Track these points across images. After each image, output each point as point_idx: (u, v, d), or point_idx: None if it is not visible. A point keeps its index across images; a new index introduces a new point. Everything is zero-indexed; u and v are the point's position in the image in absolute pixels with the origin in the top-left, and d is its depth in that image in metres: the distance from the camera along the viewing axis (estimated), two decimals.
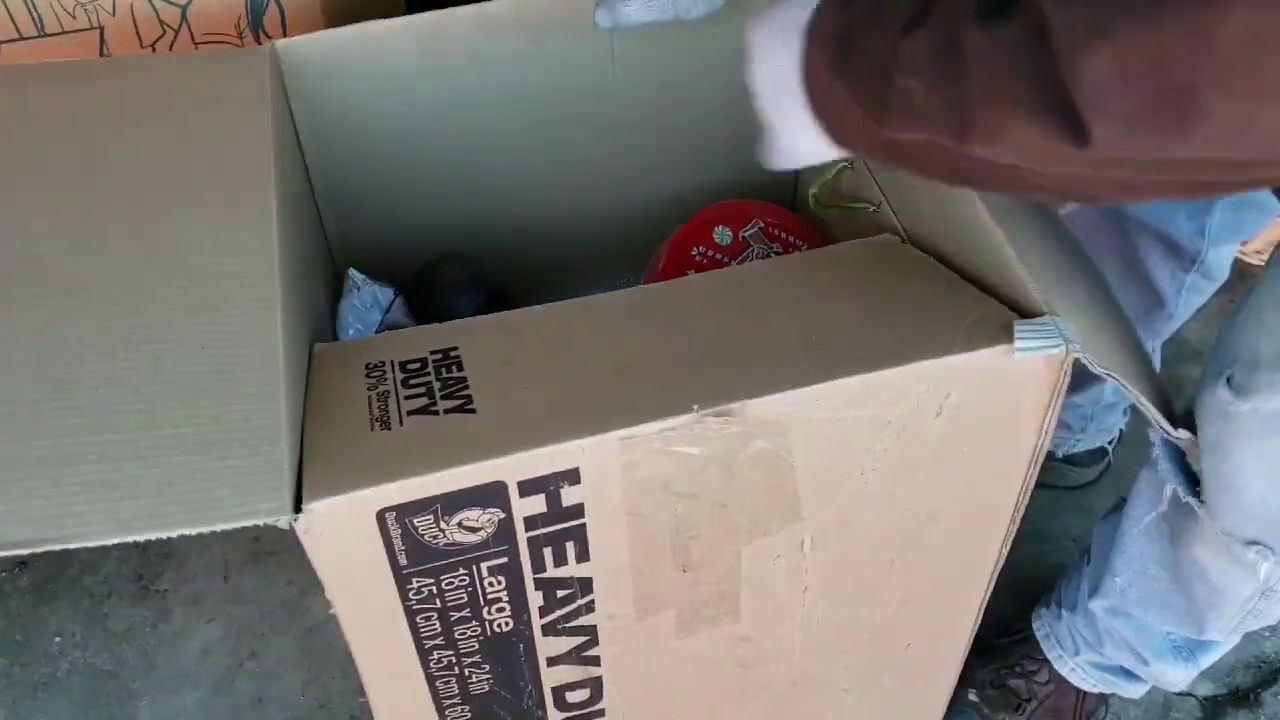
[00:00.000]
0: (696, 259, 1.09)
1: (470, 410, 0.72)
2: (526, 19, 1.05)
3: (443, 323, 0.84)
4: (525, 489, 0.70)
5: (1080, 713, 1.28)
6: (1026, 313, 0.75)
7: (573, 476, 0.70)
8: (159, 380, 0.72)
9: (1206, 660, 1.15)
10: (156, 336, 0.75)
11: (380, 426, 0.72)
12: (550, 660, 0.84)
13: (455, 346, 0.79)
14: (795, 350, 0.74)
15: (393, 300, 1.06)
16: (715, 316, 0.81)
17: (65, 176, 0.87)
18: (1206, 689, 1.35)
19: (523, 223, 1.23)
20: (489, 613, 0.77)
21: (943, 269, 0.83)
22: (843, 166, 1.05)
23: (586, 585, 0.78)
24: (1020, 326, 0.72)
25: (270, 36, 1.22)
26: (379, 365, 0.78)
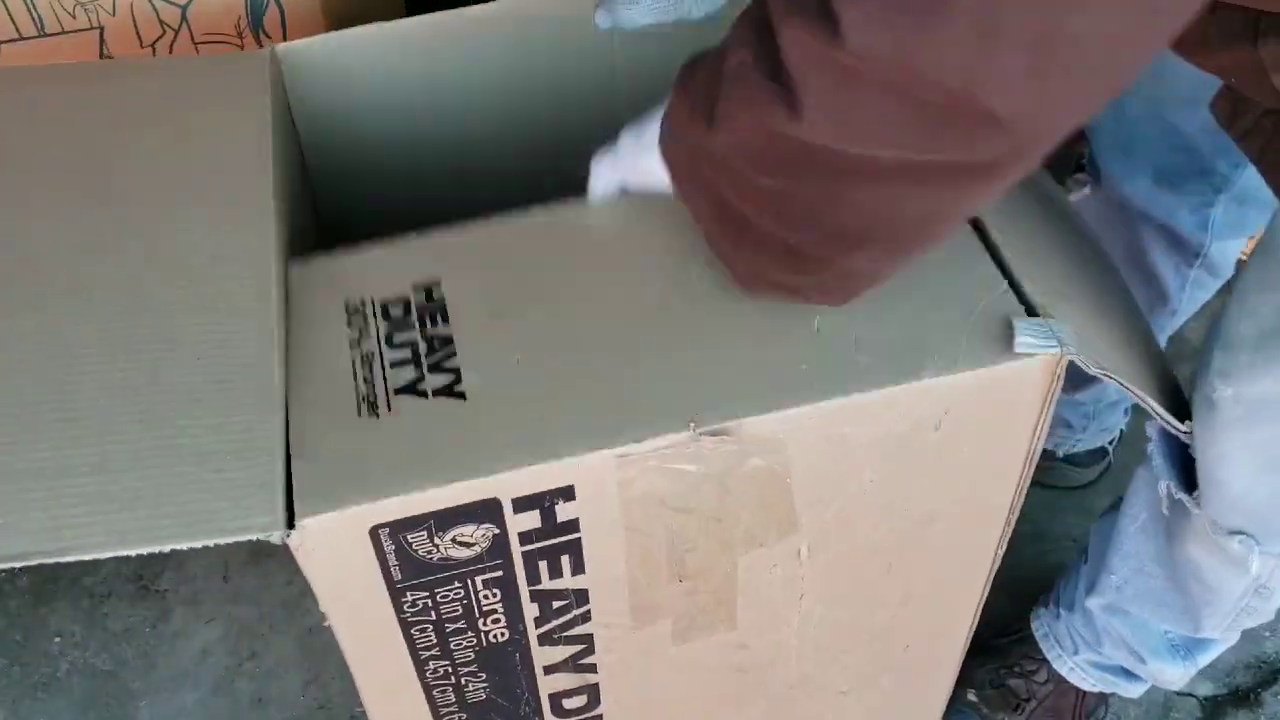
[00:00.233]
0: None
1: (459, 395, 0.71)
2: (526, 21, 1.04)
3: (423, 235, 0.82)
4: (520, 505, 0.69)
5: (1080, 712, 1.28)
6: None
7: (568, 493, 0.70)
8: (157, 388, 0.72)
9: (1204, 659, 1.15)
10: (156, 341, 0.75)
11: (368, 410, 0.71)
12: (547, 668, 0.84)
13: (438, 280, 0.78)
14: (795, 357, 0.73)
15: None
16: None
17: (65, 178, 0.86)
18: (1207, 689, 1.35)
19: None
20: (484, 624, 0.77)
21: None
22: None
23: (582, 596, 0.78)
24: (1020, 324, 0.71)
25: (270, 37, 1.22)
26: (359, 307, 0.77)
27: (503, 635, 0.79)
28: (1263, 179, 0.78)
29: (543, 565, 0.74)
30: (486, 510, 0.69)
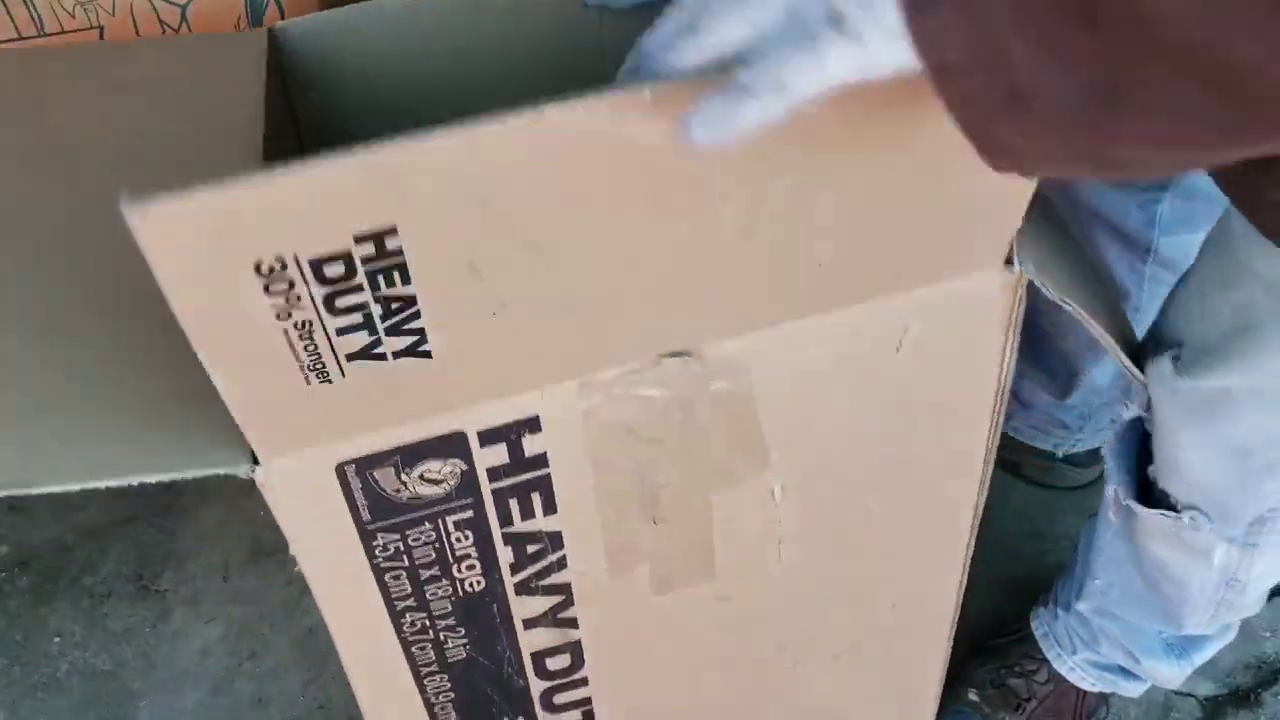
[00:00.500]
0: None
1: (424, 354, 0.63)
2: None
3: (370, 145, 0.58)
4: (486, 439, 0.70)
5: (1080, 712, 1.28)
6: None
7: (534, 425, 0.70)
8: (135, 337, 0.73)
9: (1200, 658, 1.14)
10: (130, 294, 0.76)
11: (318, 378, 0.62)
12: (526, 622, 0.84)
13: (393, 227, 0.57)
14: (763, 277, 0.68)
15: None
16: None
17: (59, 146, 0.89)
18: (1207, 689, 1.34)
19: None
20: (459, 570, 0.78)
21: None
22: None
23: (556, 539, 0.78)
24: None
25: None
26: (277, 267, 0.55)
27: (479, 584, 0.79)
28: (1209, 175, 0.79)
29: (514, 504, 0.74)
30: (452, 445, 0.69)
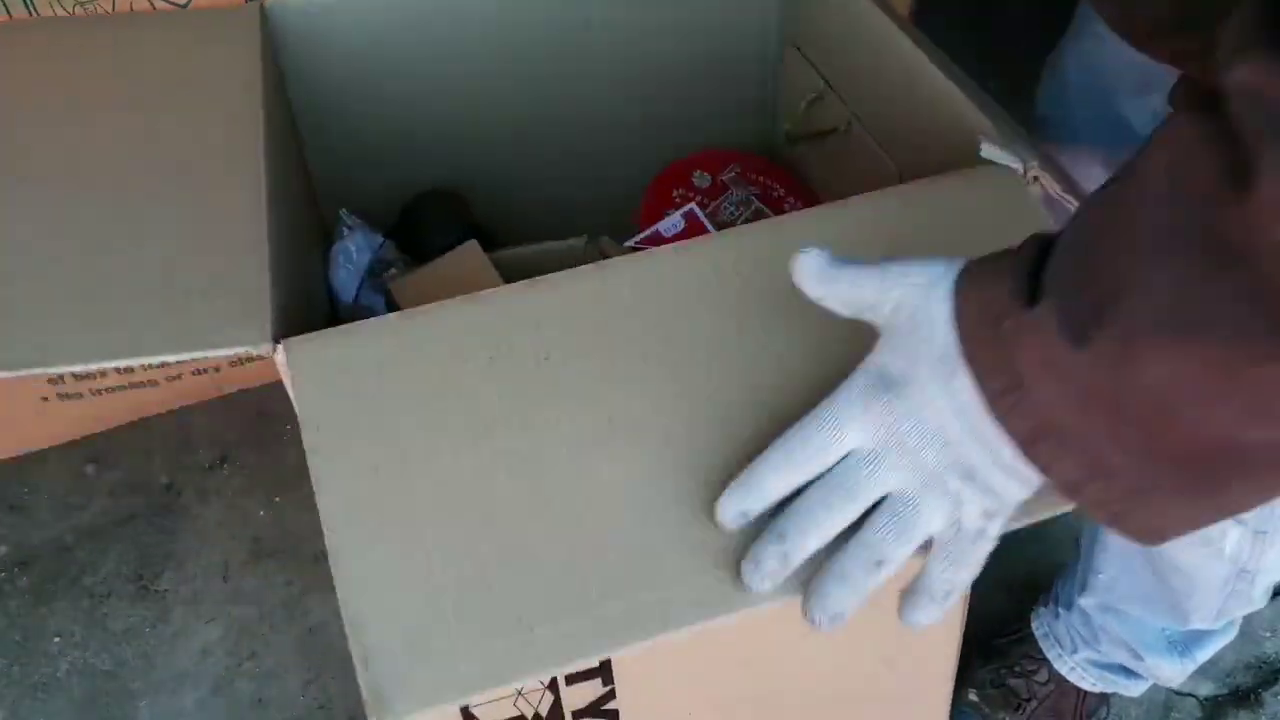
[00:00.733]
0: (676, 199, 1.12)
1: None
2: None
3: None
4: None
5: (1081, 712, 1.28)
6: None
7: None
8: (147, 237, 0.79)
9: (1202, 655, 1.15)
10: (141, 208, 0.82)
11: None
12: None
13: None
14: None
15: (383, 242, 1.09)
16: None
17: (52, 116, 0.91)
18: (1207, 689, 1.35)
19: (507, 170, 1.27)
20: None
21: None
22: (813, 97, 1.07)
23: None
24: (986, 139, 0.74)
25: None
26: None
27: None
28: None
29: None
30: None
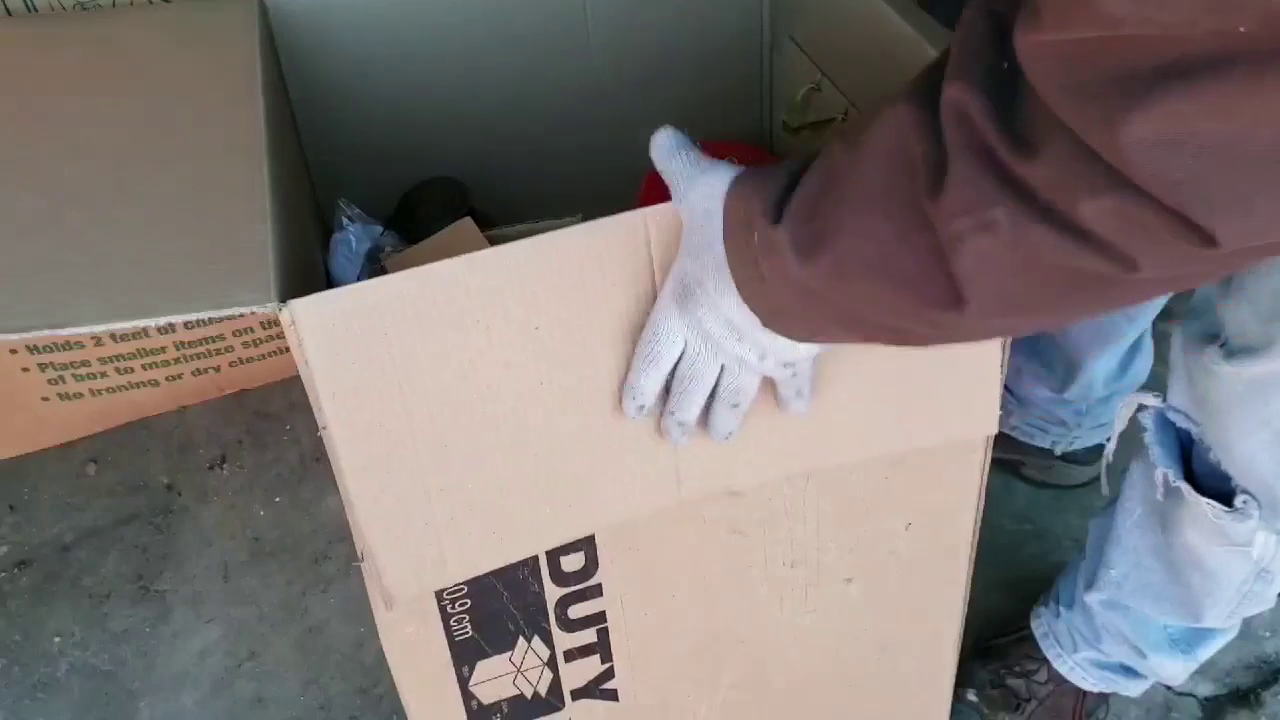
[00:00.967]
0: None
1: None
2: None
3: None
4: None
5: (1080, 712, 1.28)
6: None
7: None
8: (151, 207, 0.80)
9: (1204, 653, 1.14)
10: (146, 183, 0.84)
11: None
12: None
13: None
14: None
15: (382, 231, 1.09)
16: None
17: (54, 103, 0.92)
18: (1207, 689, 1.35)
19: (507, 159, 1.27)
20: None
21: None
22: (810, 88, 1.07)
23: None
24: None
25: None
26: None
27: None
28: None
29: None
30: None
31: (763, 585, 0.95)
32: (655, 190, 1.13)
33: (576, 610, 0.89)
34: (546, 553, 0.85)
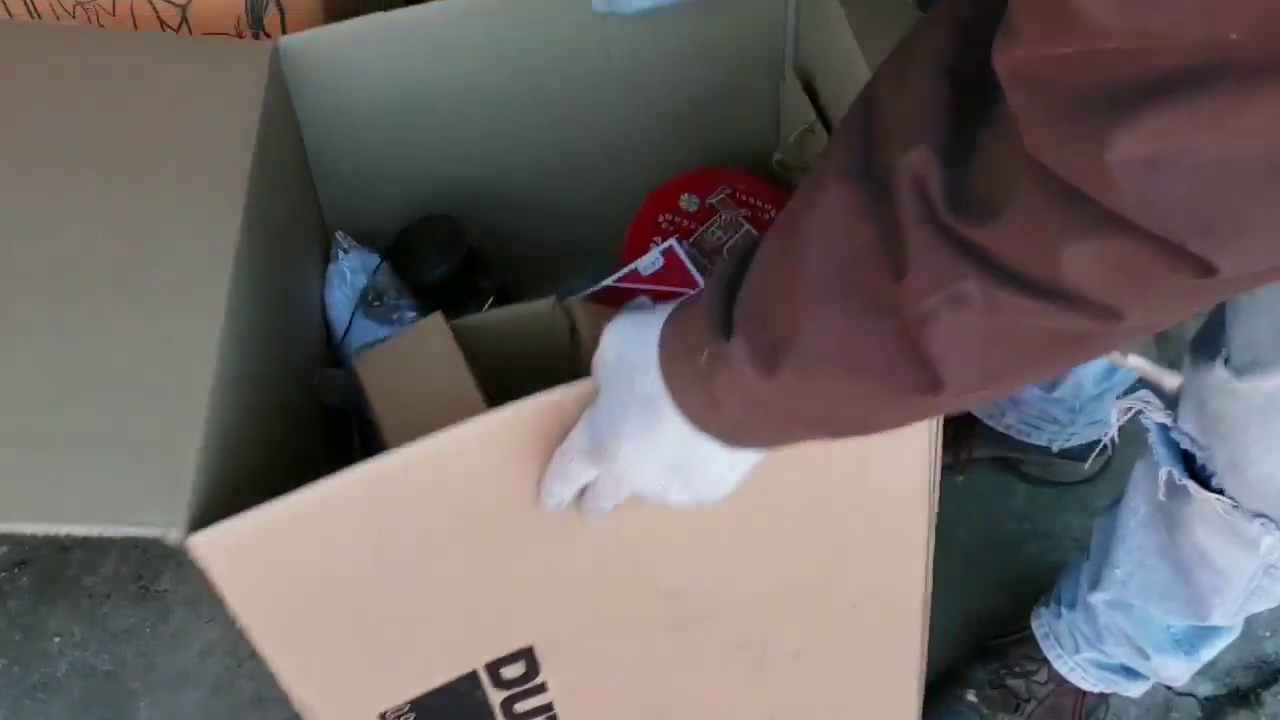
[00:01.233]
0: (663, 226, 1.10)
1: None
2: (521, 4, 1.07)
3: None
4: None
5: (1080, 713, 1.28)
6: None
7: None
8: (88, 373, 0.73)
9: (1207, 653, 1.14)
10: (94, 328, 0.76)
11: None
12: None
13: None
14: None
15: (378, 265, 1.08)
16: None
17: (40, 142, 0.89)
18: (1207, 689, 1.35)
19: (515, 199, 1.26)
20: None
21: None
22: (804, 129, 1.05)
23: None
24: None
25: (270, 37, 1.23)
26: None
27: None
28: None
29: None
30: None
31: (713, 666, 0.95)
32: (639, 234, 1.12)
33: (523, 705, 0.89)
34: (485, 665, 0.85)
